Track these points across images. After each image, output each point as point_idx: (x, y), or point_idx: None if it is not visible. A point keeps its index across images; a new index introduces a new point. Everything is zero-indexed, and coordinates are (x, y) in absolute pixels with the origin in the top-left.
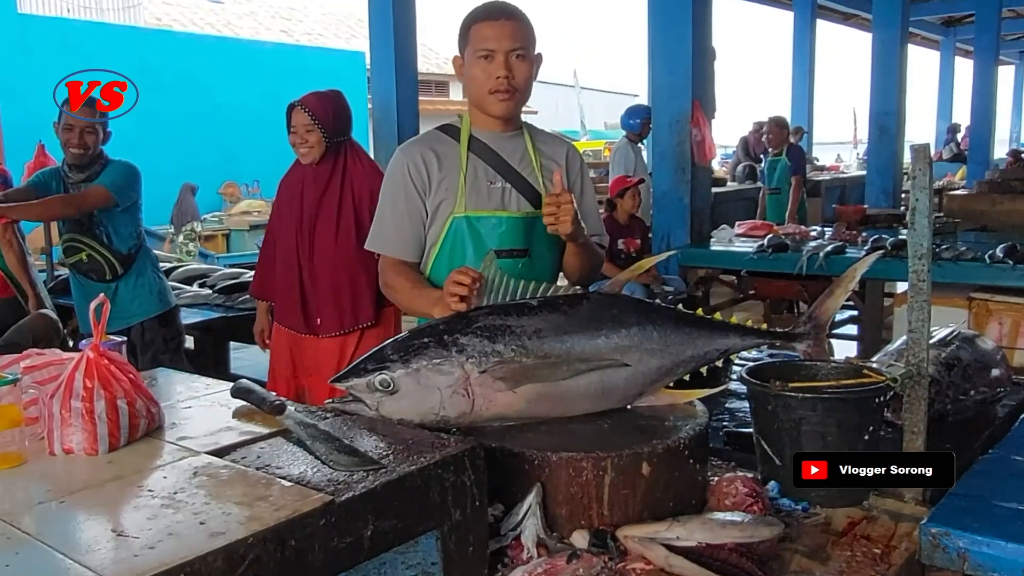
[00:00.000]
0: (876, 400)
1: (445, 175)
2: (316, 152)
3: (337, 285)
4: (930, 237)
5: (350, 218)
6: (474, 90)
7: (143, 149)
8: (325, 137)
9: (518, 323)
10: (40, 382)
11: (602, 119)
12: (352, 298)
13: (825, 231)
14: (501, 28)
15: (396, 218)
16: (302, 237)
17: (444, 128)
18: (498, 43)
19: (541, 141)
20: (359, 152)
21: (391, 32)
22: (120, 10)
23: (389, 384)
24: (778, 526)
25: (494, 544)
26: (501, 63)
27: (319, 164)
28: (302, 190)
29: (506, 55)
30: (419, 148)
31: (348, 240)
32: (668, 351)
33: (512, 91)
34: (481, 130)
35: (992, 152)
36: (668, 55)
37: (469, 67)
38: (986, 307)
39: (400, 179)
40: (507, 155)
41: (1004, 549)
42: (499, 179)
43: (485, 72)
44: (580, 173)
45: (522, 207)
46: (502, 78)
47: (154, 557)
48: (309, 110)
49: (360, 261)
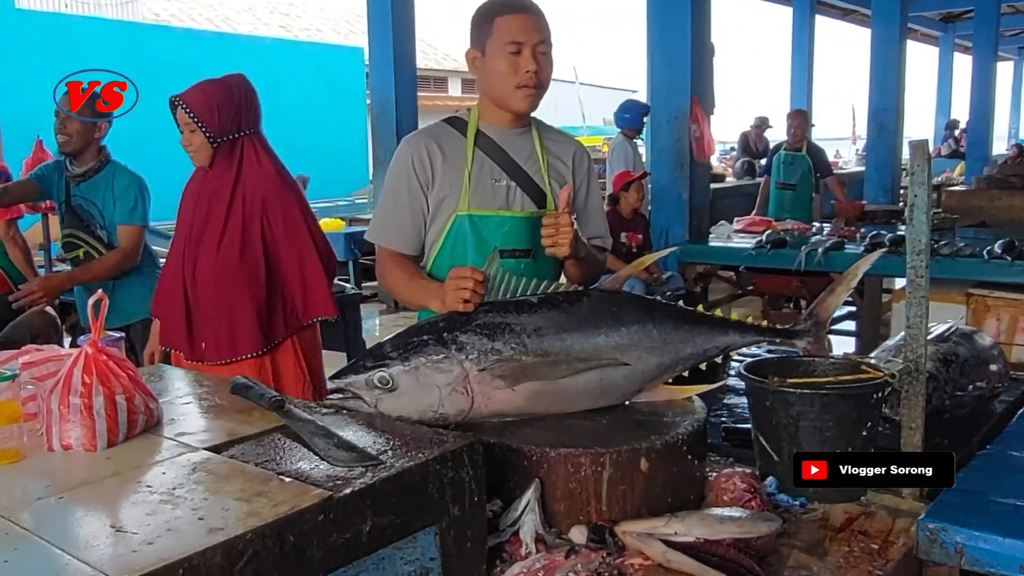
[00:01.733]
0: (874, 396)
1: (449, 170)
2: (203, 155)
3: (217, 305)
4: (928, 233)
5: (237, 228)
6: (498, 84)
7: (141, 145)
8: (209, 137)
9: (517, 321)
10: (38, 378)
11: (601, 115)
12: (230, 322)
13: (824, 227)
14: (528, 21)
15: (397, 210)
16: (188, 249)
17: (451, 121)
18: (527, 36)
19: (549, 139)
20: (259, 150)
21: (390, 28)
22: (118, 5)
23: (388, 381)
24: (776, 522)
25: (492, 540)
26: (530, 57)
27: (212, 167)
28: (197, 197)
29: (534, 49)
30: (424, 140)
31: (231, 253)
32: (668, 349)
33: (539, 86)
34: (489, 125)
35: (991, 148)
36: (667, 51)
37: (493, 60)
38: (984, 303)
39: (404, 171)
40: (514, 153)
41: (1001, 544)
42: (504, 177)
43: (512, 66)
44: (587, 174)
45: (526, 207)
46: (531, 72)
47: (153, 553)
48: (188, 106)
49: (242, 279)
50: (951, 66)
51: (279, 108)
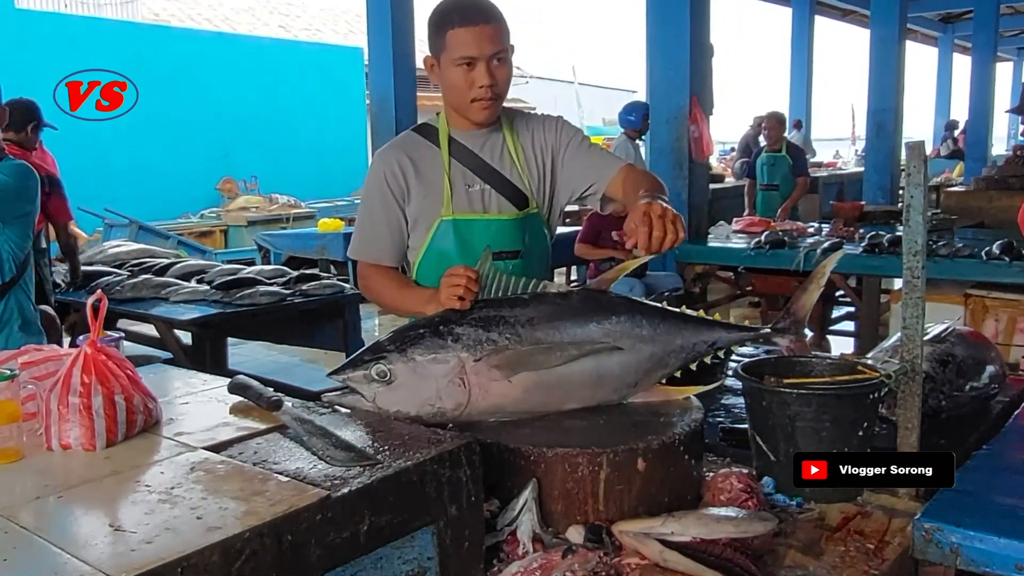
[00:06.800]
0: (870, 396)
1: (424, 180)
2: None
3: None
4: (924, 234)
5: None
6: (454, 97)
7: (140, 145)
8: None
9: (511, 313)
10: (38, 378)
11: (600, 115)
12: None
13: (822, 227)
14: (481, 33)
15: (374, 226)
16: None
17: (420, 129)
18: (479, 50)
19: (521, 131)
20: None
21: (389, 27)
22: (117, 5)
23: (386, 374)
24: (772, 521)
25: (490, 539)
26: (484, 71)
27: None
28: None
29: (488, 62)
30: (395, 155)
31: None
32: (658, 339)
33: (495, 98)
34: (458, 130)
35: (990, 149)
36: (666, 51)
37: (447, 73)
38: (982, 304)
39: (376, 187)
40: (487, 155)
41: (996, 544)
42: (478, 181)
43: (466, 80)
44: (573, 134)
45: (503, 209)
46: (486, 87)
47: (151, 552)
48: None
49: None
50: (950, 67)
51: (278, 108)
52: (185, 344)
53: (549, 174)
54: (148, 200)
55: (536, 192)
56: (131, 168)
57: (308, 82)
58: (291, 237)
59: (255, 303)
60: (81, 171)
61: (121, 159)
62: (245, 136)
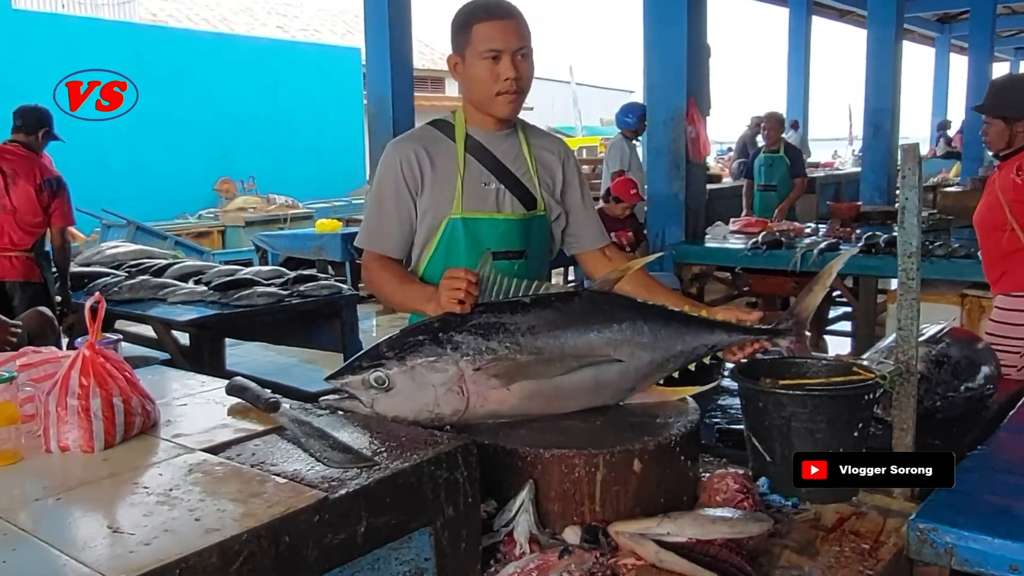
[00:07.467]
0: (865, 397)
1: (439, 175)
2: None
3: None
4: (919, 235)
5: None
6: (478, 91)
7: (139, 145)
8: None
9: (512, 320)
10: (36, 379)
11: (598, 115)
12: None
13: (819, 228)
14: (506, 27)
15: (384, 215)
16: None
17: (437, 124)
18: (505, 43)
19: (536, 141)
20: None
21: (386, 28)
22: (115, 6)
23: (384, 381)
24: (768, 522)
25: (487, 540)
26: (509, 64)
27: None
28: None
29: (512, 55)
30: (412, 145)
31: None
32: (659, 345)
33: (519, 92)
34: (476, 129)
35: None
36: (663, 52)
37: (472, 68)
38: (979, 304)
39: (391, 176)
40: (502, 156)
41: (991, 544)
42: (493, 180)
43: (492, 73)
44: (576, 171)
45: (516, 209)
46: (511, 79)
47: (150, 553)
48: None
49: None
50: (947, 67)
51: (276, 108)
52: (183, 345)
53: (554, 191)
54: (146, 200)
55: (542, 197)
56: (129, 168)
57: (306, 82)
58: (289, 238)
59: (253, 304)
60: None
61: (119, 159)
62: (243, 136)
